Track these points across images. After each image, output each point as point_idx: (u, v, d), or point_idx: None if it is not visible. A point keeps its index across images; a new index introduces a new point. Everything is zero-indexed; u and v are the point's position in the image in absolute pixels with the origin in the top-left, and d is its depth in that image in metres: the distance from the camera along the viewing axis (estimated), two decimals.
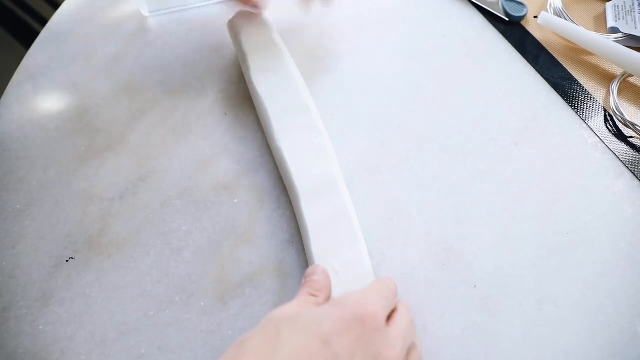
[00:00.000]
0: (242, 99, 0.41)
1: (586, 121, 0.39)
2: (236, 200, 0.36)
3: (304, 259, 0.34)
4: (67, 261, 0.35)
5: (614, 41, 0.42)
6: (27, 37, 0.83)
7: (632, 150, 0.37)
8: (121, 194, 0.37)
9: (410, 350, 0.26)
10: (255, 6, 0.39)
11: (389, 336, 0.25)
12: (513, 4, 0.45)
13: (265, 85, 0.37)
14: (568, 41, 0.43)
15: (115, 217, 0.36)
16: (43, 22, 0.84)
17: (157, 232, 0.35)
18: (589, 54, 0.42)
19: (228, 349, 0.23)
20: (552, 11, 0.45)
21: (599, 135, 0.38)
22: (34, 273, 0.34)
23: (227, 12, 0.43)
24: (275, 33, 0.40)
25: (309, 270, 0.29)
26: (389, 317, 0.26)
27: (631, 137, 0.38)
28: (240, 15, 0.41)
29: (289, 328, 0.23)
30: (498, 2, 0.46)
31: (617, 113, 0.38)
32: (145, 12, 0.46)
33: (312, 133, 0.35)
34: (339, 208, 0.32)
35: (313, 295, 0.27)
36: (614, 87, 0.40)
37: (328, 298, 0.28)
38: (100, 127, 0.41)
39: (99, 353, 0.31)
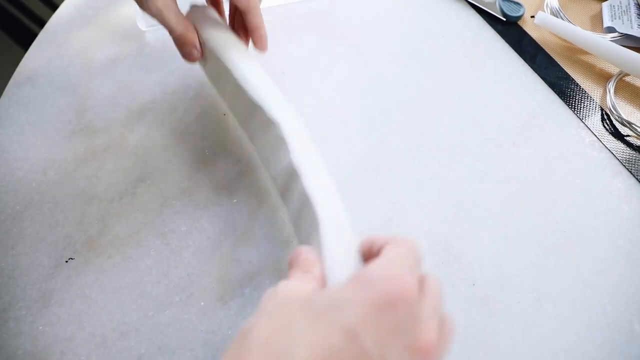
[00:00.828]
0: None
1: (583, 120, 0.39)
2: (235, 200, 0.36)
3: None
4: (66, 262, 0.35)
5: (611, 41, 0.42)
6: (25, 38, 0.83)
7: (629, 149, 0.37)
8: (120, 195, 0.37)
9: (441, 322, 0.21)
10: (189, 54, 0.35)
11: (421, 317, 0.20)
12: (510, 4, 0.46)
13: (226, 98, 0.36)
14: (565, 41, 0.44)
15: (114, 217, 0.36)
16: (41, 23, 0.84)
17: (156, 232, 0.35)
18: (586, 53, 0.43)
19: (233, 341, 0.20)
20: (549, 11, 0.45)
21: (595, 134, 0.38)
22: (33, 274, 0.34)
23: None
24: (210, 37, 0.36)
25: (293, 253, 0.25)
26: None
27: (628, 135, 0.38)
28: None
29: (305, 316, 0.19)
30: (495, 2, 0.46)
31: (614, 112, 0.39)
32: (142, 26, 0.46)
33: (270, 128, 0.32)
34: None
35: (307, 272, 0.23)
36: (611, 86, 0.40)
37: (322, 274, 0.24)
38: (100, 128, 0.41)
39: (99, 354, 0.31)
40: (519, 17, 0.45)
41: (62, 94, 0.43)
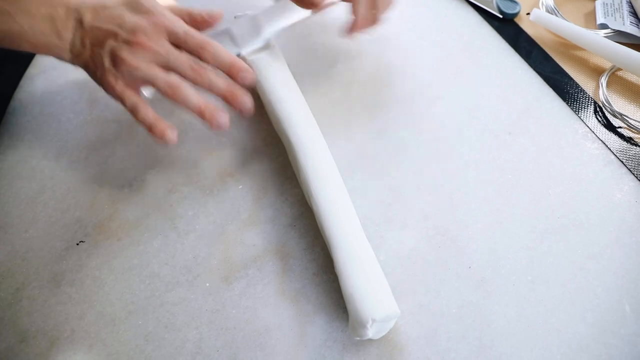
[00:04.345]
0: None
1: (577, 112, 0.40)
2: (241, 186, 0.38)
3: (305, 241, 0.35)
4: (77, 244, 0.36)
5: (604, 37, 0.43)
6: None
7: (620, 140, 0.38)
8: (130, 182, 0.39)
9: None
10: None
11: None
12: (506, 2, 0.47)
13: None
14: (559, 37, 0.45)
15: (124, 203, 0.38)
16: None
17: (164, 216, 0.37)
18: (579, 49, 0.44)
19: None
20: (544, 8, 0.47)
21: (589, 125, 0.40)
22: (45, 255, 0.36)
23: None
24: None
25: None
26: None
27: (620, 127, 0.39)
28: None
29: None
30: (492, 0, 0.47)
31: (607, 104, 0.40)
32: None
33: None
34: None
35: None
36: (603, 80, 0.41)
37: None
38: (110, 118, 0.42)
39: (108, 331, 0.32)
40: (515, 15, 0.47)
41: (74, 86, 0.45)
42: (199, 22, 0.35)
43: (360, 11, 0.36)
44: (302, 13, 0.39)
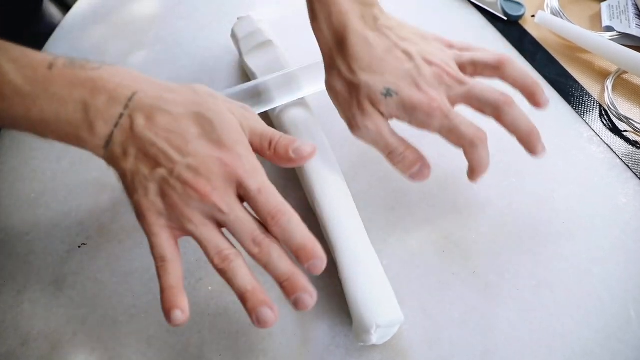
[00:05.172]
0: None
1: (582, 116, 0.40)
2: None
3: None
4: (79, 247, 0.36)
5: (609, 39, 0.43)
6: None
7: (626, 144, 0.38)
8: None
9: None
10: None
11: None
12: (511, 4, 0.47)
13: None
14: (564, 39, 0.45)
15: (126, 205, 0.37)
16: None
17: None
18: (585, 51, 0.44)
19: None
20: (549, 10, 0.47)
21: (594, 129, 0.39)
22: (47, 258, 0.35)
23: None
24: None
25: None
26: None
27: (625, 131, 0.39)
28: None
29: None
30: (497, 1, 0.47)
31: (612, 108, 0.40)
32: None
33: None
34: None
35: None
36: (609, 83, 0.41)
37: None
38: None
39: (110, 334, 0.32)
40: (520, 17, 0.47)
41: None
42: (282, 159, 0.28)
43: (481, 158, 0.31)
44: None
